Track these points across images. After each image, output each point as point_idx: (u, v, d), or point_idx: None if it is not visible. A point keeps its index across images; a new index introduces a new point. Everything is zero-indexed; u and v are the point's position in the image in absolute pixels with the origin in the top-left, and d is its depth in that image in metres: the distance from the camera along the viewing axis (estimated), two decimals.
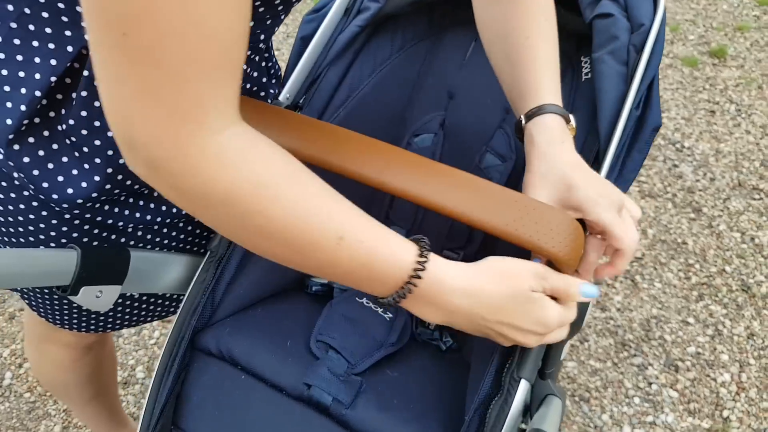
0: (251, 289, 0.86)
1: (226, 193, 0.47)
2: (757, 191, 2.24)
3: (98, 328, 0.89)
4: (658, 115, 0.79)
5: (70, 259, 0.67)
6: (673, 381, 1.66)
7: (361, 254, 0.53)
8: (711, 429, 1.55)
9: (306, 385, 0.75)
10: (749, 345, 1.74)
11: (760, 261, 1.98)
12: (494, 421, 0.67)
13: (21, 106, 0.62)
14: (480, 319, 0.59)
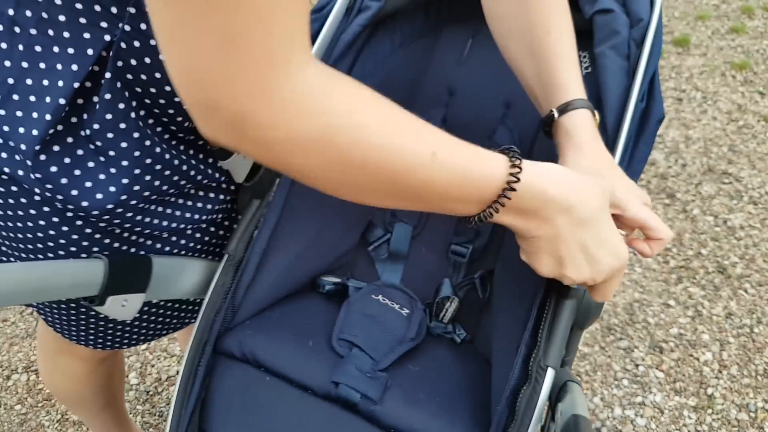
0: (269, 291, 0.87)
1: (321, 131, 0.45)
2: (726, 175, 2.32)
3: (114, 345, 0.88)
4: (661, 107, 0.81)
5: (97, 269, 0.67)
6: (659, 362, 1.71)
7: (455, 168, 0.52)
8: (697, 406, 1.60)
9: (333, 384, 0.76)
10: (728, 324, 1.80)
11: (733, 243, 2.05)
12: (524, 409, 0.69)
13: (46, 115, 0.61)
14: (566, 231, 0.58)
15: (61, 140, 0.64)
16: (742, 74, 2.87)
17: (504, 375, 0.75)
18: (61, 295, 0.64)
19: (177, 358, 1.65)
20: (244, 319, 0.84)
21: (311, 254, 0.93)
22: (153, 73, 0.63)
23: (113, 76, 0.62)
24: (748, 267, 1.97)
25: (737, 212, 2.16)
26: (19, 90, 0.62)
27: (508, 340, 0.78)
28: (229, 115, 0.42)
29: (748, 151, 2.43)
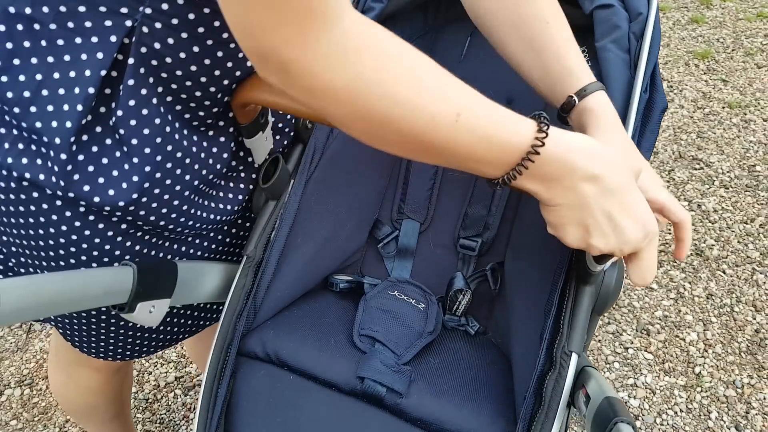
0: (287, 291, 0.87)
1: (351, 82, 0.49)
2: (697, 161, 2.39)
3: (133, 355, 0.88)
4: (663, 97, 0.84)
5: (127, 276, 0.67)
6: (647, 344, 1.76)
7: (478, 131, 0.53)
8: (686, 385, 1.66)
9: (359, 379, 0.78)
10: (709, 305, 1.86)
11: (708, 226, 2.11)
12: (551, 395, 0.71)
13: (77, 106, 0.61)
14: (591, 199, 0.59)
15: (91, 130, 0.64)
16: (704, 63, 2.96)
17: (527, 363, 0.78)
18: (93, 304, 0.63)
19: (174, 364, 1.64)
20: (264, 320, 0.85)
21: (324, 254, 0.94)
22: (177, 54, 0.63)
23: (136, 62, 0.62)
24: (724, 249, 2.03)
25: (710, 196, 2.23)
26: (47, 85, 0.62)
27: (528, 329, 0.80)
28: (277, 62, 0.47)
29: (715, 137, 2.51)
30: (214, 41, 0.64)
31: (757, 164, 2.33)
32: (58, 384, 1.06)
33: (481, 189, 1.01)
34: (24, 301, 0.54)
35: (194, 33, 0.62)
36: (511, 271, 0.94)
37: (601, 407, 0.63)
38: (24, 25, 0.61)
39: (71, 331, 0.83)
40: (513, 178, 0.58)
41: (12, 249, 0.74)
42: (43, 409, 1.53)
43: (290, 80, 0.49)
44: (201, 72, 0.65)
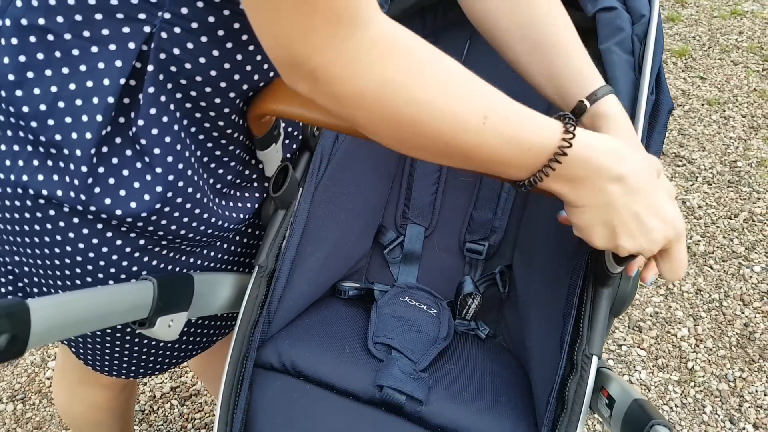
0: (299, 300, 0.87)
1: (379, 87, 0.49)
2: (679, 158, 2.42)
3: (147, 372, 0.87)
4: (669, 98, 0.85)
5: (147, 291, 0.65)
6: (639, 341, 1.78)
7: (505, 134, 0.53)
8: (680, 380, 1.68)
9: (377, 387, 0.77)
10: (698, 300, 1.89)
11: (693, 222, 2.15)
12: (573, 398, 0.71)
13: (97, 116, 0.60)
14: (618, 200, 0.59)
15: (110, 141, 0.63)
16: (682, 61, 3.00)
17: (546, 367, 0.78)
18: (116, 321, 0.62)
19: (168, 375, 1.62)
20: (277, 330, 0.84)
21: (333, 261, 0.93)
22: (197, 59, 0.62)
23: (156, 69, 0.61)
24: (710, 244, 2.07)
25: (693, 193, 2.26)
26: (63, 96, 0.60)
27: (545, 333, 0.80)
28: (306, 69, 0.48)
29: (696, 134, 2.55)
30: (234, 44, 0.63)
31: (738, 160, 2.37)
32: (64, 401, 1.03)
33: (486, 192, 1.02)
34: (53, 320, 0.52)
35: (214, 36, 0.61)
36: (521, 274, 0.94)
37: (631, 410, 0.64)
38: (37, 37, 0.59)
39: (84, 350, 0.81)
40: (539, 180, 0.58)
41: (24, 269, 0.72)
42: (37, 423, 1.50)
43: (319, 87, 0.49)
44: (221, 77, 0.64)
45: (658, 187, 0.61)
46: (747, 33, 3.14)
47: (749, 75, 2.83)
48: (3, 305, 0.48)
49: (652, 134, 0.84)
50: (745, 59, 2.95)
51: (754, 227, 2.10)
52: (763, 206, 2.16)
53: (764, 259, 1.99)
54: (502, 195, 1.00)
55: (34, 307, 0.50)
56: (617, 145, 0.60)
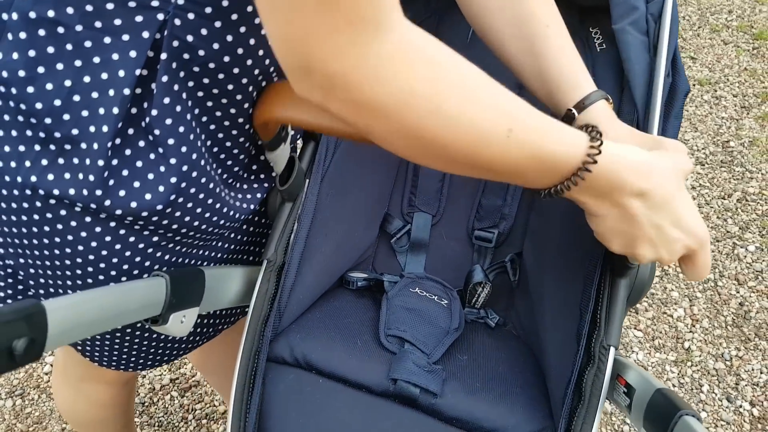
0: (308, 293, 0.85)
1: (400, 96, 0.46)
2: None
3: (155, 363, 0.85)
4: (685, 80, 0.84)
5: (160, 287, 0.64)
6: (636, 322, 1.79)
7: (531, 146, 0.51)
8: (677, 360, 1.69)
9: (391, 380, 0.76)
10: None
11: None
12: (591, 389, 0.71)
13: (113, 108, 0.58)
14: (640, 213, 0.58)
15: (123, 133, 0.61)
16: None
17: (562, 358, 0.77)
18: (129, 320, 0.61)
19: (168, 367, 1.61)
20: (288, 324, 0.83)
21: (341, 252, 0.92)
22: (211, 45, 0.60)
23: (169, 57, 0.59)
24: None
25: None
26: (78, 90, 0.58)
27: (561, 324, 0.80)
28: (321, 77, 0.44)
29: (688, 114, 2.55)
30: (247, 28, 0.61)
31: (731, 140, 2.38)
32: (66, 400, 1.02)
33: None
34: (69, 322, 0.51)
35: (228, 21, 0.59)
36: (533, 262, 0.93)
37: (655, 400, 0.63)
38: (47, 30, 0.57)
39: (92, 347, 0.79)
40: (561, 192, 0.57)
41: (30, 271, 0.70)
42: (37, 418, 1.48)
43: (335, 95, 0.46)
44: (234, 62, 0.62)
45: (682, 198, 0.61)
46: (737, 12, 3.13)
47: (739, 54, 2.84)
48: (19, 308, 0.46)
49: (668, 118, 0.82)
50: (736, 38, 2.95)
51: (747, 207, 2.11)
52: (756, 186, 2.17)
53: (758, 238, 2.00)
54: None
55: (50, 308, 0.48)
56: (644, 158, 0.59)
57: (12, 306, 0.46)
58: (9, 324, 0.45)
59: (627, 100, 0.84)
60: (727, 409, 1.59)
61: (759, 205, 2.11)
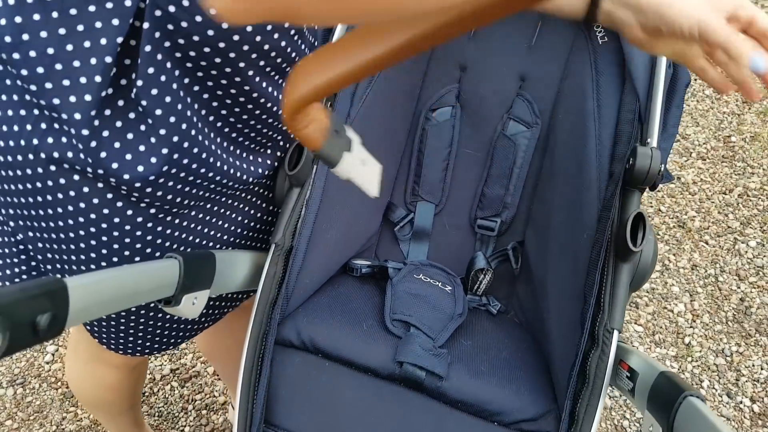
0: (314, 278, 0.86)
1: None
2: None
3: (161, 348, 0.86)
4: (687, 72, 0.85)
5: (173, 269, 0.65)
6: (636, 317, 1.80)
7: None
8: (677, 356, 1.70)
9: (397, 364, 0.77)
10: (694, 275, 1.91)
11: (688, 198, 2.16)
12: (595, 372, 0.72)
13: (95, 77, 0.58)
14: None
15: (112, 104, 0.62)
16: None
17: (566, 342, 0.78)
18: (144, 299, 0.61)
19: (168, 357, 1.61)
20: (295, 308, 0.84)
21: (346, 239, 0.92)
22: (193, 17, 0.60)
23: (151, 26, 0.59)
24: (705, 220, 2.08)
25: (688, 168, 2.27)
26: (61, 58, 0.58)
27: (564, 308, 0.80)
28: None
29: (689, 109, 2.55)
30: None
31: (732, 135, 2.38)
32: (75, 377, 1.03)
33: (498, 168, 1.01)
34: (89, 299, 0.51)
35: None
36: (535, 250, 0.94)
37: (659, 383, 0.64)
38: None
39: (99, 328, 0.80)
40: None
41: (38, 245, 0.71)
42: (37, 407, 1.48)
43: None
44: (219, 37, 0.63)
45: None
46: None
47: None
48: (42, 284, 0.47)
49: (670, 108, 0.83)
50: None
51: (748, 202, 2.12)
52: (757, 181, 2.18)
53: (759, 234, 2.01)
54: (515, 171, 1.00)
55: (72, 285, 0.49)
56: None
57: (36, 282, 0.46)
58: (34, 299, 0.45)
59: (629, 91, 0.85)
60: (728, 405, 1.60)
61: (760, 201, 2.12)
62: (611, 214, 0.77)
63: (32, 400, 1.51)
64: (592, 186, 0.82)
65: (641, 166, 0.75)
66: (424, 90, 1.05)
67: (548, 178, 0.95)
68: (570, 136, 0.91)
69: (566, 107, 0.95)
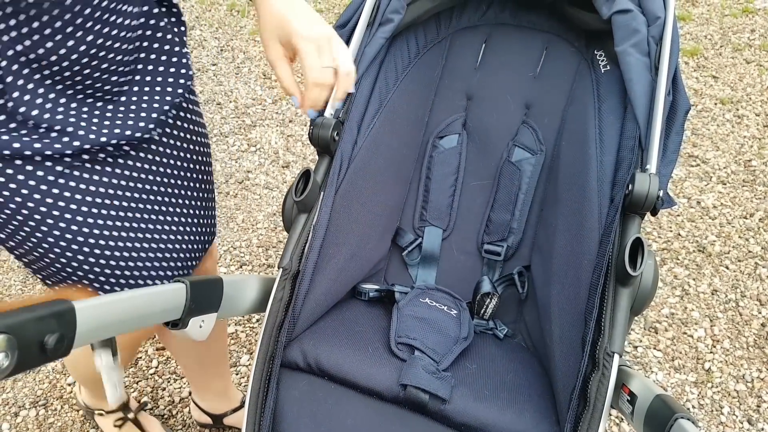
0: (321, 302, 0.88)
1: None
2: (693, 158, 2.42)
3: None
4: (686, 99, 0.86)
5: (180, 292, 0.67)
6: (656, 342, 1.78)
7: None
8: (697, 381, 1.68)
9: (402, 387, 0.78)
10: (714, 300, 1.89)
11: (708, 222, 2.14)
12: (596, 395, 0.72)
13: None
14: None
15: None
16: (694, 60, 3.00)
17: (568, 365, 0.79)
18: (151, 322, 0.64)
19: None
20: (302, 331, 0.86)
21: (353, 263, 0.94)
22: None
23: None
24: (725, 244, 2.06)
25: (708, 192, 2.26)
26: None
27: (566, 332, 0.81)
28: None
29: (710, 133, 2.54)
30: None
31: (753, 159, 2.36)
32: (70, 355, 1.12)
33: (503, 194, 1.03)
34: (97, 320, 0.54)
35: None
36: (540, 274, 0.95)
37: (654, 406, 0.65)
38: None
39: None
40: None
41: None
42: (59, 429, 1.52)
43: None
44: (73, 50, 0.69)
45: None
46: (759, 31, 3.13)
47: (762, 73, 2.83)
48: (50, 306, 0.50)
49: (669, 135, 0.85)
50: (758, 57, 2.94)
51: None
52: None
53: None
54: (520, 196, 1.02)
55: (79, 307, 0.52)
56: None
57: (44, 303, 0.49)
58: (41, 320, 0.48)
59: (630, 118, 0.87)
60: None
61: None
62: (611, 238, 0.78)
63: (54, 421, 1.54)
64: (593, 211, 0.83)
65: (639, 191, 0.76)
66: (432, 118, 1.07)
67: (552, 203, 0.97)
68: (573, 162, 0.92)
69: (569, 134, 0.96)
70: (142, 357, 1.69)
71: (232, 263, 1.97)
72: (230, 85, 2.77)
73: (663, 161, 0.83)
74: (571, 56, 1.02)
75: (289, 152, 2.43)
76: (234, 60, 2.90)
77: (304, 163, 2.36)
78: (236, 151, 2.42)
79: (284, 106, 2.64)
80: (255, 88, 2.75)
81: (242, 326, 1.80)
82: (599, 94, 0.94)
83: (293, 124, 2.57)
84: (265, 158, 2.39)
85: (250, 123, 2.56)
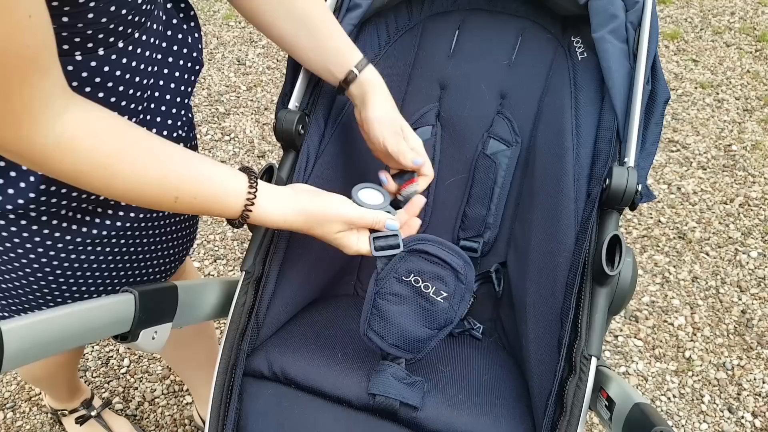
0: (287, 307, 0.84)
1: (72, 174, 0.56)
2: (673, 143, 2.40)
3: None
4: (666, 87, 0.83)
5: (128, 303, 0.63)
6: (636, 331, 1.77)
7: (195, 207, 0.65)
8: (678, 370, 1.66)
9: (371, 395, 0.75)
10: (695, 287, 1.87)
11: (689, 208, 2.13)
12: (572, 400, 0.69)
13: None
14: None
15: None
16: (674, 44, 2.97)
17: (544, 368, 0.76)
18: (97, 337, 0.60)
19: (158, 377, 1.59)
20: (267, 337, 0.82)
21: (322, 263, 0.90)
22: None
23: None
24: (705, 230, 2.05)
25: (688, 178, 2.24)
26: None
27: (543, 333, 0.78)
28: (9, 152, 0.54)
29: (690, 118, 2.52)
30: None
31: (733, 143, 2.35)
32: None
33: (479, 188, 0.99)
34: (28, 341, 0.50)
35: None
36: (516, 271, 0.92)
37: (632, 415, 0.62)
38: None
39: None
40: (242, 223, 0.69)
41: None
42: (27, 431, 1.47)
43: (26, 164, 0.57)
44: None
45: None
46: (739, 13, 3.11)
47: (742, 56, 2.81)
48: None
49: (648, 126, 0.81)
50: (738, 40, 2.92)
51: (750, 212, 2.08)
52: (758, 190, 2.15)
53: (761, 244, 1.98)
54: (496, 190, 0.98)
55: (6, 328, 0.47)
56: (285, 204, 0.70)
57: None
58: None
59: (608, 108, 0.83)
60: (729, 420, 1.56)
61: (762, 210, 2.08)
62: (588, 235, 0.75)
63: (22, 424, 1.49)
64: (569, 207, 0.80)
65: (617, 186, 0.73)
66: (404, 109, 1.03)
67: (528, 197, 0.93)
68: (548, 154, 0.88)
69: (545, 125, 0.93)
70: (113, 356, 1.64)
71: (206, 257, 1.92)
72: (203, 72, 2.70)
73: (642, 154, 0.80)
74: (547, 43, 0.98)
75: (264, 141, 2.37)
76: (207, 45, 2.83)
77: (280, 153, 2.31)
78: (209, 140, 2.36)
79: (259, 93, 2.58)
80: (228, 75, 2.68)
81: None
82: (576, 83, 0.90)
83: (269, 111, 2.51)
84: (239, 148, 2.33)
85: (224, 111, 2.50)
